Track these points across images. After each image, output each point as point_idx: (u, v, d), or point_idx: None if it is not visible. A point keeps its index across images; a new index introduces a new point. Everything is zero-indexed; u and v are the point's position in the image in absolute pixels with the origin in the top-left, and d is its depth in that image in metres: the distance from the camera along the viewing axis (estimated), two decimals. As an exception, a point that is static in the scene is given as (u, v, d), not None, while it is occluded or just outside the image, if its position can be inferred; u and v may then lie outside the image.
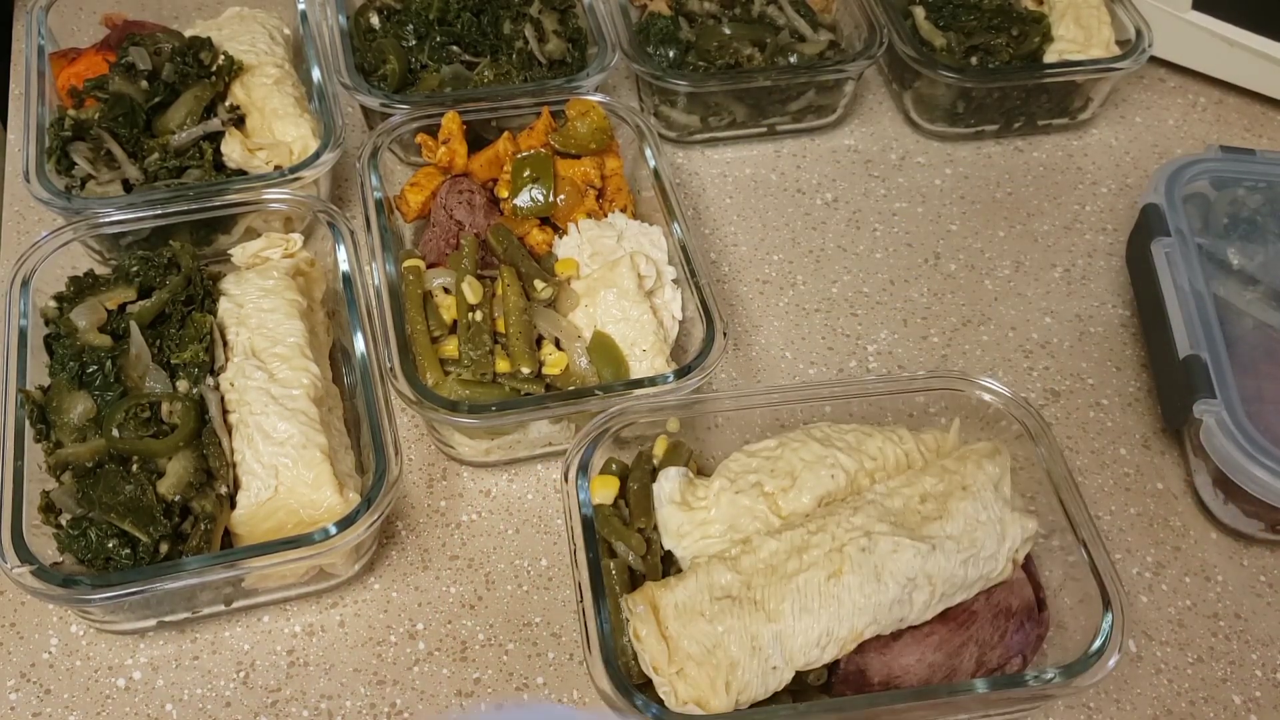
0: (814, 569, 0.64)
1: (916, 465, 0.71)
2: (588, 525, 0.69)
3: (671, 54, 1.02)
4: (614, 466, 0.73)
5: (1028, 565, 0.71)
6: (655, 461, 0.73)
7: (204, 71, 0.94)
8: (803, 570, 0.64)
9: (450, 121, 0.90)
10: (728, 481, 0.69)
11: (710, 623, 0.63)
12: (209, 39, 0.96)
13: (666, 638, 0.63)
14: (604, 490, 0.71)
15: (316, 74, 0.96)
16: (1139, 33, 1.04)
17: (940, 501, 0.67)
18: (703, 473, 0.73)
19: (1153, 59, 1.07)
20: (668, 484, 0.71)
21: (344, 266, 0.83)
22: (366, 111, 1.01)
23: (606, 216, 0.89)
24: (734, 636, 0.62)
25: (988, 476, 0.68)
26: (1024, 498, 0.72)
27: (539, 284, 0.82)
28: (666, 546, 0.69)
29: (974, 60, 1.04)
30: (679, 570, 0.69)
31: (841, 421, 0.73)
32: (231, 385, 0.75)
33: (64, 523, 0.69)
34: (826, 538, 0.65)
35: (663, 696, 0.63)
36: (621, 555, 0.68)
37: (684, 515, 0.69)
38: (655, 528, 0.70)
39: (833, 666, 0.65)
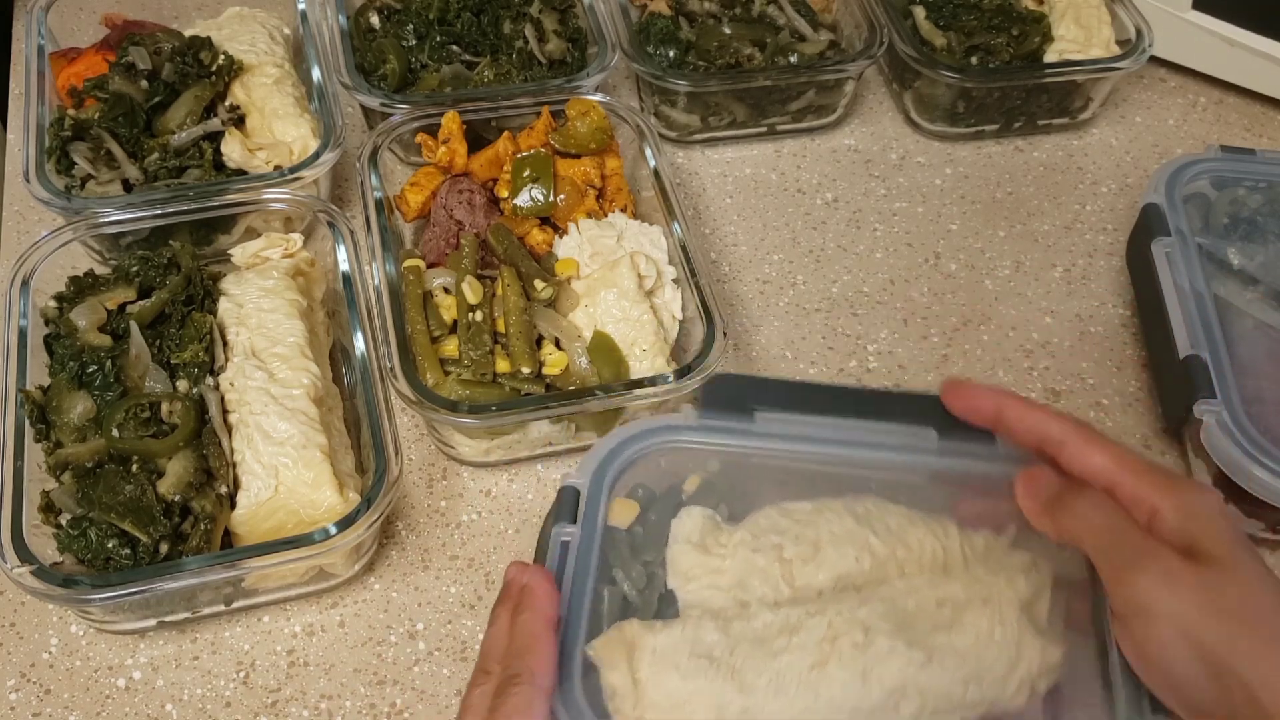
0: (800, 653, 0.59)
1: (955, 566, 0.65)
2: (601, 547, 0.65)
3: (671, 54, 1.02)
4: (640, 492, 0.69)
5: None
6: (684, 496, 0.69)
7: (204, 71, 0.94)
8: (788, 651, 0.60)
9: (450, 121, 0.90)
10: (749, 536, 0.65)
11: (683, 679, 0.59)
12: (209, 39, 0.96)
13: (637, 681, 0.59)
14: (622, 514, 0.67)
15: (316, 74, 0.96)
16: (1139, 33, 1.04)
17: (957, 611, 0.61)
18: (734, 519, 0.68)
19: (1153, 59, 1.07)
20: (690, 522, 0.66)
21: (344, 266, 0.83)
22: (366, 111, 1.01)
23: (606, 216, 0.89)
24: (702, 699, 0.59)
25: (1016, 593, 0.62)
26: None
27: (539, 284, 0.82)
28: (670, 585, 0.65)
29: (974, 60, 1.05)
30: (675, 612, 0.65)
31: (893, 498, 0.67)
32: (231, 385, 0.75)
33: (64, 523, 0.69)
34: (823, 623, 0.60)
35: None
36: (619, 584, 0.65)
37: (697, 558, 0.65)
38: (662, 564, 0.66)
39: None
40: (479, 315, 0.80)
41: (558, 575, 0.60)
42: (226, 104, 0.95)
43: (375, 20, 1.02)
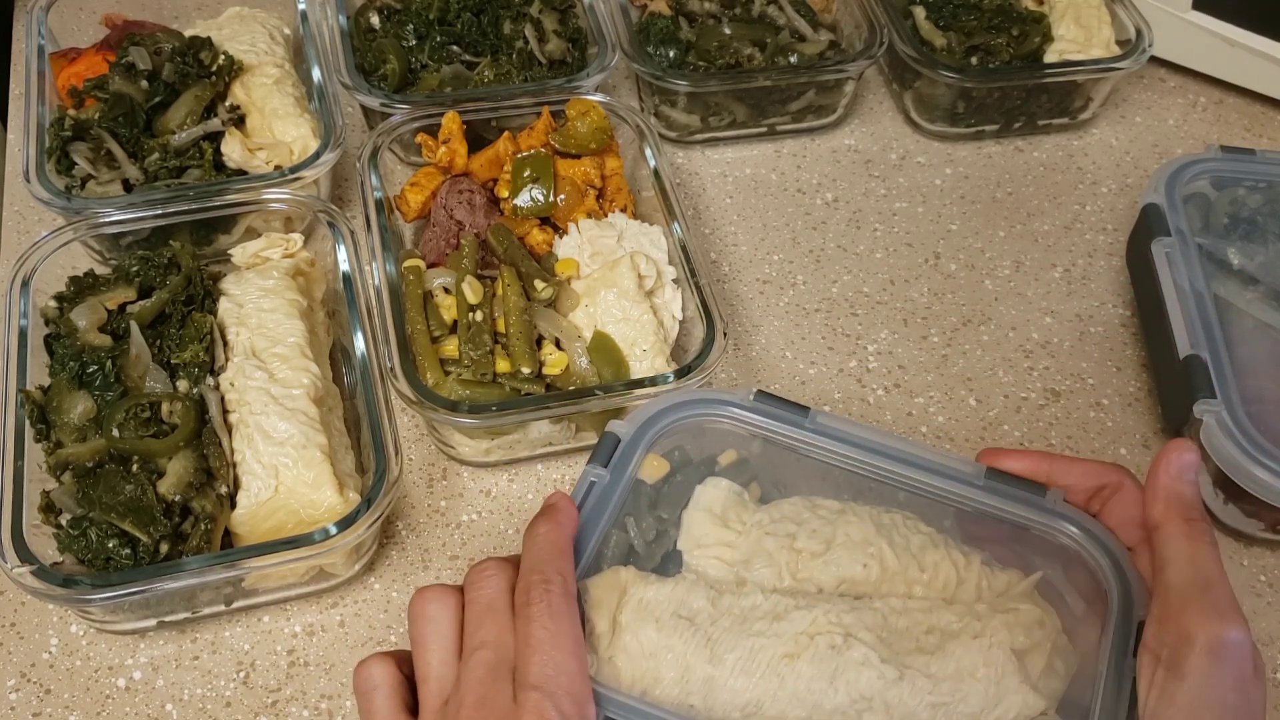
0: (777, 640, 0.60)
1: (963, 597, 0.65)
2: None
3: (671, 54, 1.02)
4: (675, 454, 0.69)
5: None
6: (717, 468, 0.70)
7: (204, 71, 0.94)
8: (766, 636, 0.60)
9: (450, 121, 0.90)
10: (768, 520, 0.66)
11: (658, 633, 0.60)
12: (209, 39, 0.96)
13: (616, 624, 0.61)
14: (652, 470, 0.68)
15: (316, 74, 0.96)
16: (1139, 33, 1.04)
17: (944, 639, 0.62)
18: (762, 502, 0.69)
19: (1153, 59, 1.07)
20: (714, 492, 0.68)
21: (344, 266, 0.83)
22: (366, 111, 1.01)
23: (606, 216, 0.89)
24: (671, 658, 0.60)
25: (1011, 637, 0.61)
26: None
27: (539, 284, 0.82)
28: (679, 546, 0.67)
29: (974, 60, 1.05)
30: (676, 572, 0.67)
31: (925, 519, 0.67)
32: (231, 385, 0.75)
33: (64, 523, 0.69)
34: (808, 618, 0.61)
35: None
36: (629, 532, 0.66)
37: (712, 528, 0.66)
38: (677, 524, 0.67)
39: None
40: (479, 315, 0.80)
41: (579, 511, 0.62)
42: (226, 104, 0.95)
43: (375, 20, 1.02)
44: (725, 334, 0.79)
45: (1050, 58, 1.05)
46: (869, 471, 0.67)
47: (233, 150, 0.91)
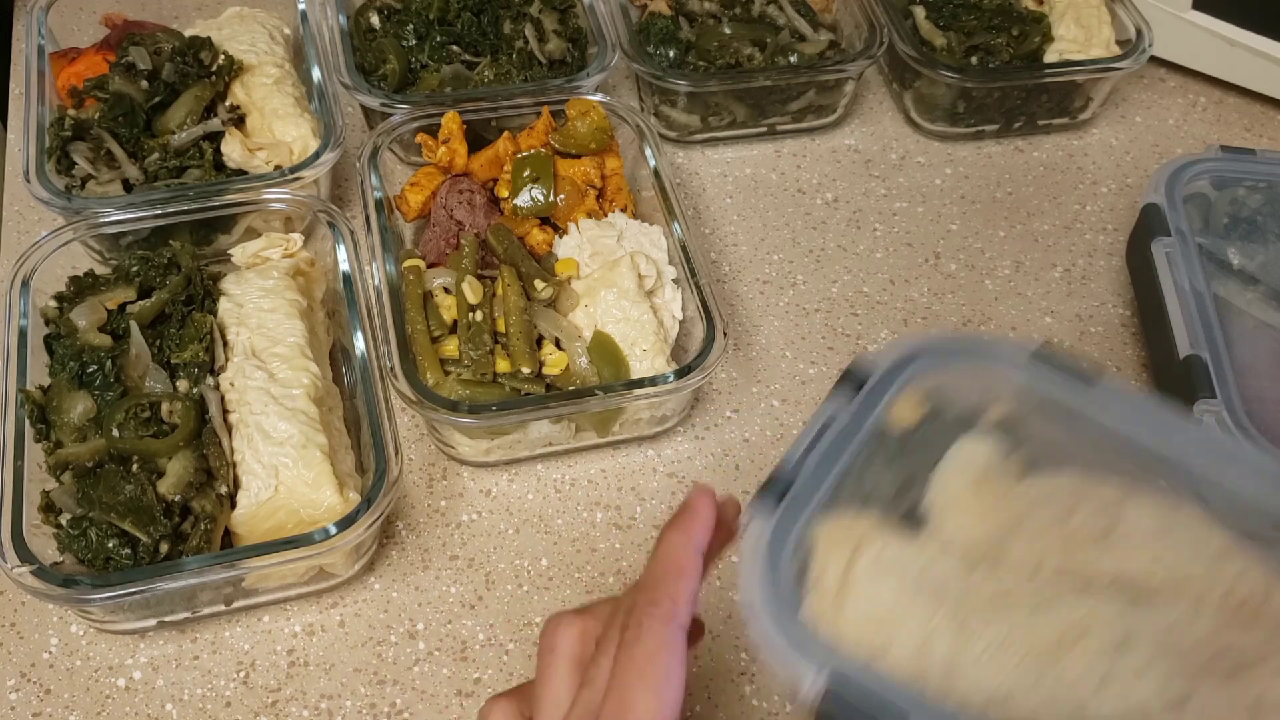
0: (1038, 630, 0.52)
1: (1270, 621, 0.54)
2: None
3: (671, 54, 1.02)
4: (932, 399, 0.60)
5: None
6: (980, 423, 0.60)
7: (204, 71, 0.94)
8: (1028, 624, 0.52)
9: (450, 121, 0.90)
10: (1035, 492, 0.57)
11: (897, 598, 0.52)
12: (209, 39, 0.96)
13: (847, 578, 0.53)
14: (905, 412, 0.59)
15: (316, 74, 0.96)
16: (1139, 33, 1.04)
17: (1240, 667, 0.52)
18: (1027, 469, 0.60)
19: (1153, 59, 1.07)
20: (977, 451, 0.58)
21: (344, 266, 0.83)
22: (366, 111, 1.01)
23: (606, 216, 0.89)
24: (909, 627, 0.52)
25: None
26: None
27: (539, 284, 0.82)
28: (925, 505, 0.57)
29: (974, 60, 1.05)
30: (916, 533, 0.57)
31: (1226, 523, 0.57)
32: (231, 385, 0.75)
33: (64, 523, 0.69)
34: (1080, 610, 0.52)
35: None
36: (867, 480, 0.57)
37: (968, 490, 0.57)
38: (926, 480, 0.58)
39: None
40: (479, 315, 0.80)
41: (809, 449, 0.55)
42: (226, 104, 0.95)
43: (375, 20, 1.02)
44: (725, 334, 0.79)
45: (1050, 58, 1.05)
46: (1158, 466, 0.58)
47: (233, 150, 0.91)
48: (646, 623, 0.48)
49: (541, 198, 0.87)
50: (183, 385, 0.74)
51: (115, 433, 0.71)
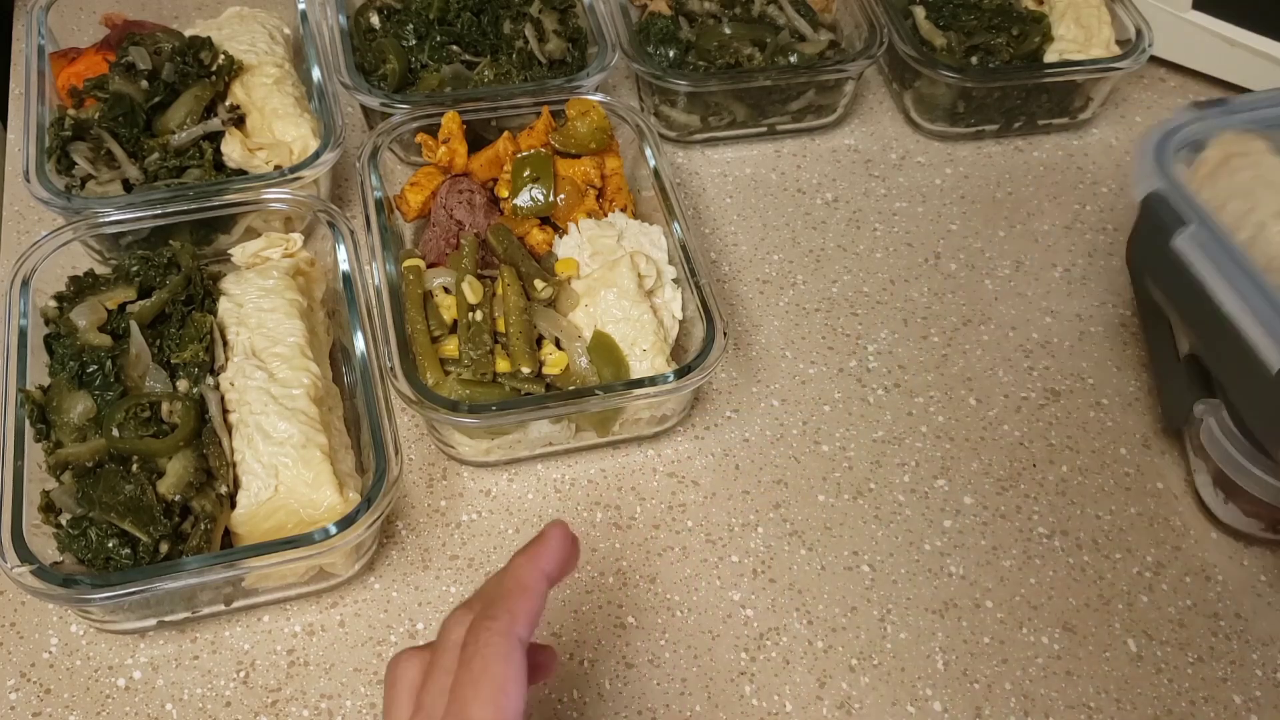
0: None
1: None
2: None
3: (671, 54, 1.02)
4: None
5: None
6: None
7: (204, 71, 0.94)
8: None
9: (450, 121, 0.90)
10: None
11: (1252, 184, 0.68)
12: (209, 39, 0.96)
13: (1220, 169, 0.64)
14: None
15: (316, 74, 0.96)
16: (1139, 32, 1.04)
17: None
18: None
19: (1153, 59, 1.07)
20: None
21: (344, 266, 0.83)
22: (366, 111, 1.01)
23: (606, 216, 0.89)
24: (1249, 205, 0.67)
25: None
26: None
27: (539, 284, 0.82)
28: None
29: (974, 60, 1.05)
30: None
31: None
32: (231, 385, 0.75)
33: (64, 522, 0.69)
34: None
35: None
36: None
37: None
38: None
39: None
40: (479, 315, 0.80)
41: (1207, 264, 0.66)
42: (226, 104, 0.95)
43: (375, 20, 1.02)
44: (725, 334, 0.79)
45: (1050, 58, 1.05)
46: None
47: (233, 150, 0.91)
48: (484, 636, 0.49)
49: (541, 197, 0.87)
50: (183, 385, 0.74)
51: (115, 432, 0.71)
